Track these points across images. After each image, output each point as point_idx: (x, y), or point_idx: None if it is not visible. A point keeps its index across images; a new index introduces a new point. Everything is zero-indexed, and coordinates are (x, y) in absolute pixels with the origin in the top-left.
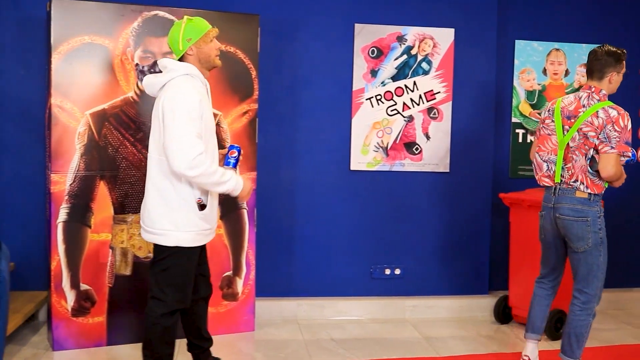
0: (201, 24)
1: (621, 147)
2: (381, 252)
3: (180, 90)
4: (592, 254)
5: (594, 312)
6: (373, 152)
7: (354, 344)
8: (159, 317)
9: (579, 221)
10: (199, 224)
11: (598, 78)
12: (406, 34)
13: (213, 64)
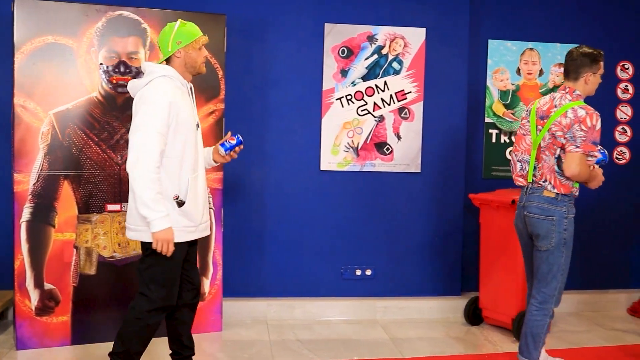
0: (193, 29)
1: (587, 146)
2: (352, 253)
3: (153, 89)
4: (553, 254)
5: (551, 312)
6: (343, 152)
7: (319, 345)
8: (144, 312)
9: (544, 220)
10: (179, 219)
11: (574, 79)
12: (377, 33)
13: (198, 70)
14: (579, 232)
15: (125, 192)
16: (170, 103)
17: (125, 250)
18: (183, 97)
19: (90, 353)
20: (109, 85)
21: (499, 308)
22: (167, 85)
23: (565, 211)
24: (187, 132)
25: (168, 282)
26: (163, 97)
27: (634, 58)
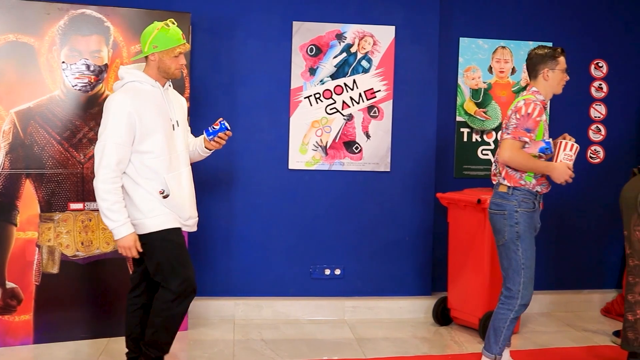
0: (173, 36)
1: (517, 132)
2: (321, 252)
3: (113, 100)
4: (509, 248)
5: (517, 308)
6: (312, 151)
7: (282, 345)
8: (168, 302)
9: (497, 214)
10: (165, 210)
11: (533, 77)
12: (345, 31)
13: (171, 75)
14: (551, 231)
15: (88, 191)
16: (130, 113)
17: (89, 249)
18: (151, 101)
19: (53, 352)
20: (71, 84)
21: (467, 308)
22: (130, 93)
23: (516, 205)
24: (159, 134)
25: (180, 266)
26: (122, 108)
27: (608, 56)
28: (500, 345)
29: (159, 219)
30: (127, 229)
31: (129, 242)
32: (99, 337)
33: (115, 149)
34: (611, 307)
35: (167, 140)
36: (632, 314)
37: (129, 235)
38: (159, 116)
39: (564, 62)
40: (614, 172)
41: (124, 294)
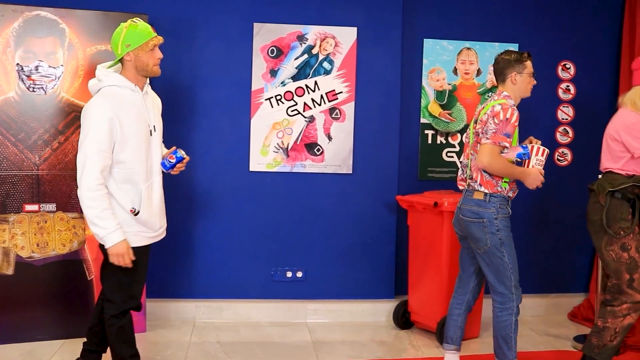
0: (143, 31)
1: (496, 137)
2: (283, 255)
3: (93, 106)
4: (494, 255)
5: (516, 310)
6: (273, 152)
7: (237, 347)
8: (111, 318)
9: (475, 223)
10: (134, 226)
11: (501, 81)
12: (307, 33)
13: (150, 72)
14: (520, 235)
15: (43, 193)
16: (110, 119)
17: (44, 250)
18: (131, 106)
19: (6, 353)
20: (25, 86)
21: (426, 312)
22: (110, 98)
23: (494, 212)
24: (137, 141)
25: (127, 284)
26: (102, 114)
27: (576, 58)
28: (514, 349)
29: (127, 237)
30: (118, 235)
31: (121, 249)
32: (54, 338)
33: (98, 157)
34: (578, 311)
35: (145, 148)
36: (602, 320)
37: (120, 243)
38: (138, 122)
39: (531, 65)
40: (582, 175)
41: (79, 295)
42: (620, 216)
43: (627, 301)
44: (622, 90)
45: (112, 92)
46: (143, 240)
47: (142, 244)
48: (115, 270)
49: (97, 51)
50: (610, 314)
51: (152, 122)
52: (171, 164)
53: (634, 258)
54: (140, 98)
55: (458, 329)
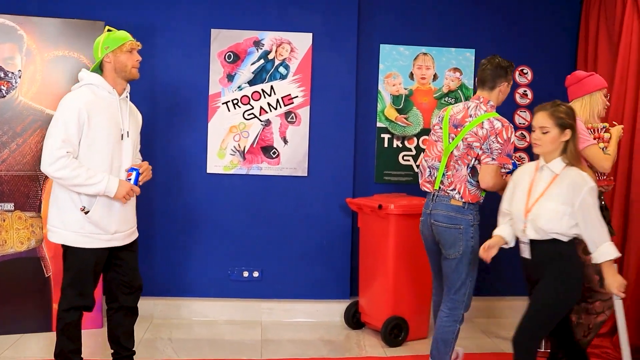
0: (120, 35)
1: (502, 159)
2: (240, 255)
3: (66, 98)
4: (462, 262)
5: (461, 318)
6: (230, 155)
7: (186, 344)
8: (62, 311)
9: (451, 228)
10: (86, 226)
11: (489, 88)
12: (263, 38)
13: (129, 74)
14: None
15: (1, 192)
16: (80, 110)
17: (3, 248)
18: (106, 107)
19: None
20: None
21: (374, 312)
22: (85, 93)
23: (471, 219)
24: (104, 142)
25: (79, 283)
26: (73, 104)
27: (533, 63)
28: (450, 354)
29: (75, 236)
30: (113, 180)
31: (125, 189)
32: (11, 333)
33: (62, 143)
34: None
35: (112, 149)
36: (576, 317)
37: (119, 186)
38: (109, 122)
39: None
40: None
41: (37, 292)
42: None
43: (600, 299)
44: None
45: (89, 89)
46: (96, 242)
47: (95, 246)
48: (69, 267)
49: (54, 57)
50: (584, 311)
51: (125, 127)
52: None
53: None
54: (116, 101)
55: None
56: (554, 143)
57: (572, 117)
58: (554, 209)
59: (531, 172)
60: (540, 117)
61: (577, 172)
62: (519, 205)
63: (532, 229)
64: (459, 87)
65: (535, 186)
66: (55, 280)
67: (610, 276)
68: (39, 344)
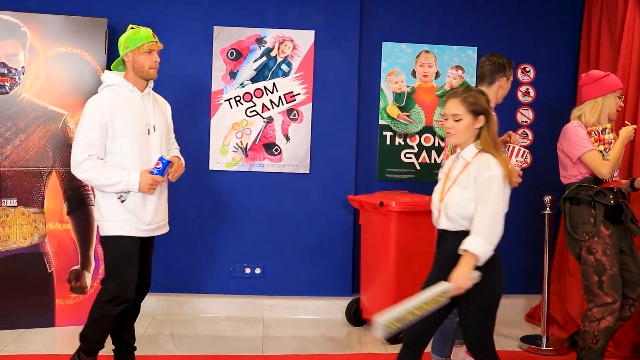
0: (141, 35)
1: None
2: (242, 251)
3: (89, 102)
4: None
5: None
6: (232, 152)
7: (188, 340)
8: (101, 302)
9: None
10: (123, 214)
11: (488, 83)
12: (265, 36)
13: (146, 75)
14: None
15: (4, 188)
16: (102, 112)
17: (6, 243)
18: (129, 105)
19: None
20: None
21: (376, 309)
22: (106, 94)
23: None
24: (130, 138)
25: (118, 273)
26: (95, 107)
27: (535, 61)
28: (450, 348)
29: (114, 224)
30: (134, 175)
31: (147, 181)
32: (14, 328)
33: (85, 148)
34: (534, 312)
35: (139, 144)
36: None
37: (141, 178)
38: (133, 119)
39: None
40: (541, 177)
41: (39, 287)
42: (581, 220)
43: (597, 303)
44: None
45: (111, 90)
46: (132, 230)
47: (130, 234)
48: (110, 258)
49: (58, 54)
50: (586, 318)
51: (150, 122)
52: (159, 169)
53: (600, 261)
54: (138, 97)
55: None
56: (468, 131)
57: (486, 102)
58: (460, 195)
59: (450, 161)
60: (452, 104)
61: (485, 158)
62: (435, 195)
63: (445, 218)
64: (461, 84)
65: (451, 175)
66: (58, 276)
67: (460, 270)
68: (42, 339)
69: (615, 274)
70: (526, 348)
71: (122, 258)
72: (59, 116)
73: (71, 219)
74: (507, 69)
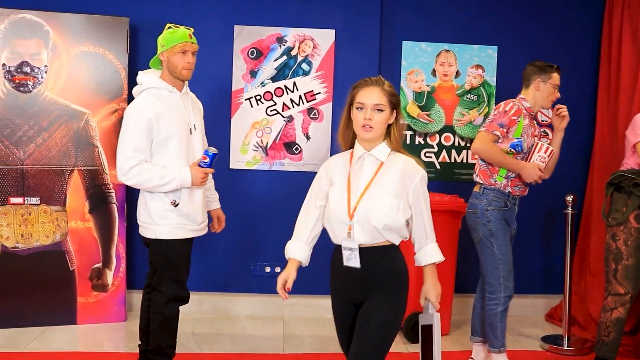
0: (176, 35)
1: (491, 126)
2: (262, 250)
3: (132, 109)
4: (485, 245)
5: (503, 300)
6: (252, 151)
7: (209, 339)
8: (160, 306)
9: (470, 214)
10: (177, 218)
11: (525, 86)
12: (286, 35)
13: (179, 75)
14: None
15: (27, 186)
16: (149, 119)
17: (29, 241)
18: (169, 107)
19: None
20: (11, 85)
21: None
22: (149, 99)
23: (486, 204)
24: (177, 139)
25: (175, 274)
26: (139, 113)
27: (555, 60)
28: (500, 338)
29: (167, 228)
30: (184, 172)
31: (199, 174)
32: (36, 325)
33: (134, 154)
34: (554, 312)
35: (185, 145)
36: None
37: (192, 172)
38: (177, 121)
39: (557, 79)
40: (560, 177)
41: (61, 285)
42: (614, 207)
43: (611, 292)
44: (601, 92)
45: (152, 93)
46: (185, 232)
47: (183, 237)
48: (163, 261)
49: (80, 52)
50: (603, 309)
51: (191, 121)
52: (206, 163)
53: (620, 249)
54: (178, 98)
55: (482, 322)
56: (384, 125)
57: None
58: (387, 203)
59: (345, 164)
60: (373, 92)
61: (406, 159)
62: (338, 206)
63: (361, 231)
64: (481, 84)
65: (356, 180)
66: (79, 274)
67: (431, 283)
68: (64, 337)
69: (632, 265)
70: (547, 348)
71: (176, 259)
72: (81, 115)
73: (93, 217)
74: (543, 71)
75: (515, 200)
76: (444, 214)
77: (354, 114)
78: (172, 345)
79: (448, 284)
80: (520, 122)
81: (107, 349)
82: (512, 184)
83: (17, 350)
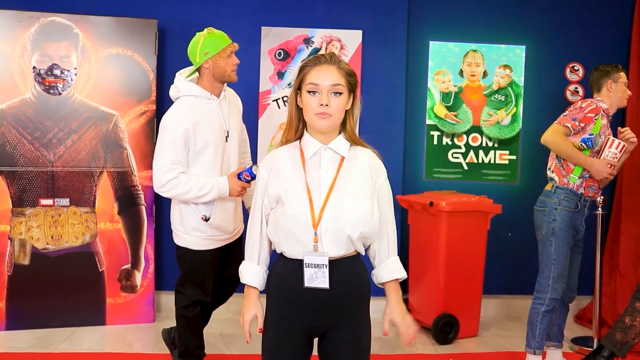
0: (220, 38)
1: (563, 119)
2: None
3: (169, 118)
4: (544, 243)
5: (547, 302)
6: None
7: (236, 340)
8: (182, 308)
9: (539, 211)
10: (208, 231)
11: (597, 90)
12: (313, 36)
13: (228, 79)
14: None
15: (57, 188)
16: (186, 130)
17: (58, 242)
18: (207, 115)
19: (21, 338)
20: (41, 87)
21: (424, 310)
22: (185, 108)
23: (556, 203)
24: (213, 149)
25: (199, 281)
26: (179, 125)
27: (584, 59)
28: (538, 339)
29: (196, 239)
30: (222, 183)
31: (236, 187)
32: (66, 326)
33: (171, 165)
34: (583, 313)
35: (220, 153)
36: (630, 318)
37: (229, 184)
38: (214, 130)
39: (625, 77)
40: None
41: (91, 286)
42: None
43: None
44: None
45: (190, 102)
46: (216, 243)
47: (214, 247)
48: (189, 268)
49: (109, 55)
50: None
51: (227, 128)
52: (247, 179)
53: None
54: (216, 105)
55: (554, 326)
56: (343, 112)
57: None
58: (362, 207)
59: (295, 161)
60: (329, 71)
61: (369, 152)
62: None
63: (332, 243)
64: (509, 84)
65: (315, 180)
66: (108, 275)
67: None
68: (94, 337)
69: None
70: (577, 350)
71: (202, 269)
72: (111, 117)
73: (122, 218)
74: (611, 73)
75: (587, 202)
76: (472, 215)
77: (305, 99)
78: (200, 345)
79: (477, 285)
80: (598, 121)
81: (136, 350)
82: (586, 184)
83: (48, 350)
